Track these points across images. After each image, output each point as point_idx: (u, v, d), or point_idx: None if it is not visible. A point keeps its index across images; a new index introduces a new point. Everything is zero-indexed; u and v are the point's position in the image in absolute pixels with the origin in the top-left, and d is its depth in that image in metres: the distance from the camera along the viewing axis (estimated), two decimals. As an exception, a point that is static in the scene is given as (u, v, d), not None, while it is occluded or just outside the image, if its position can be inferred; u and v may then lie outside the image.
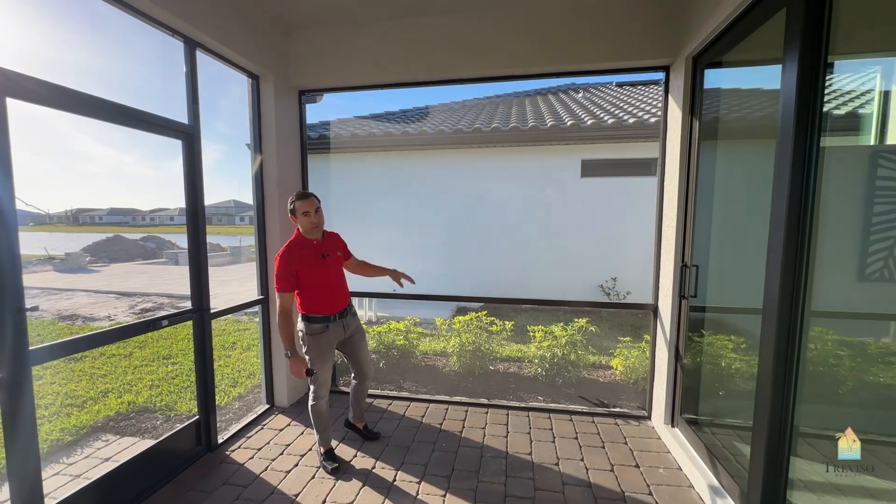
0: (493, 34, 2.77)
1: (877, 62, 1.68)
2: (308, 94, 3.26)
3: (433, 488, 2.22)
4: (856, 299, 1.68)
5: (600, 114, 6.55)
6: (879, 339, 1.66)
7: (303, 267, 2.22)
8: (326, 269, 2.32)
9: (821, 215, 1.59)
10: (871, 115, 1.64)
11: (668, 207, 2.69)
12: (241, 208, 49.63)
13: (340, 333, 2.38)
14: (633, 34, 2.60)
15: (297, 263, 2.21)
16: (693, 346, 2.57)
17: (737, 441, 2.19)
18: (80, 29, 19.37)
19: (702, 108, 2.46)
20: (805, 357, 1.66)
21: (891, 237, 1.46)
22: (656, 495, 2.16)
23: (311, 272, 2.25)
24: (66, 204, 75.16)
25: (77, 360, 4.53)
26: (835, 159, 1.59)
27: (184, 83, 2.38)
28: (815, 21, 1.54)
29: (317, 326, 2.29)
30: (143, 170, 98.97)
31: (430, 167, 7.10)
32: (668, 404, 2.72)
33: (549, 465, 2.41)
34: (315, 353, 2.29)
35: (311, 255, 2.27)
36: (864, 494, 1.60)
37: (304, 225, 2.27)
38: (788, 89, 1.61)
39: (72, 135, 27.24)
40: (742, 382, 2.21)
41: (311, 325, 2.29)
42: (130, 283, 10.62)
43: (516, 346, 4.44)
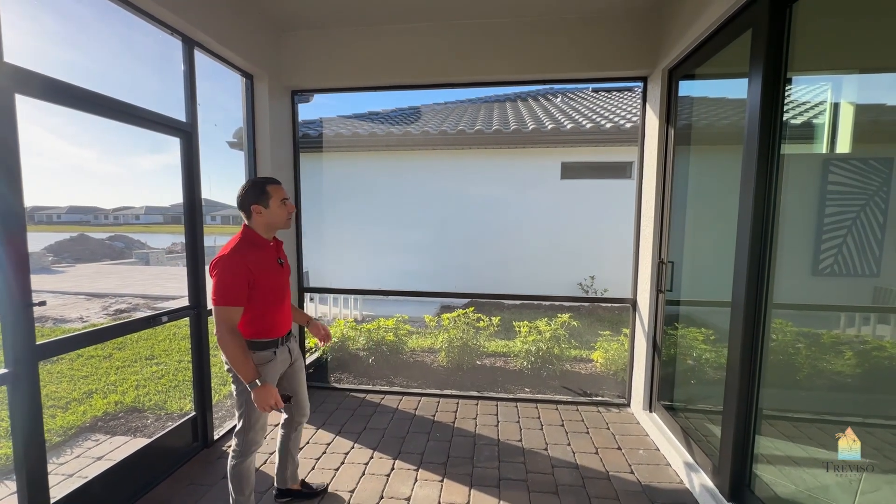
0: (480, 42, 2.91)
1: (828, 78, 1.89)
2: (301, 94, 3.31)
3: (431, 474, 2.32)
4: (810, 292, 1.90)
5: (579, 118, 6.80)
6: (831, 330, 1.88)
7: (259, 274, 1.67)
8: (283, 278, 1.83)
9: (781, 216, 1.79)
10: (824, 126, 1.85)
11: (646, 208, 2.89)
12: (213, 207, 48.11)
13: (286, 361, 1.89)
14: (616, 47, 2.79)
15: (253, 269, 1.65)
16: (668, 337, 2.77)
17: (708, 423, 2.40)
18: (84, 25, 18.34)
19: (677, 117, 2.66)
20: (768, 346, 1.86)
21: (840, 236, 1.67)
22: (637, 473, 2.34)
23: (267, 282, 1.71)
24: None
25: (53, 363, 4.39)
26: (793, 165, 1.79)
27: (179, 81, 2.40)
28: (777, 41, 1.74)
29: (264, 354, 1.75)
30: (105, 167, 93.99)
31: (416, 167, 7.19)
32: (647, 391, 2.92)
33: (539, 450, 2.56)
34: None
35: (268, 258, 1.75)
36: (816, 465, 1.81)
37: (277, 217, 1.75)
38: (753, 100, 1.81)
39: (23, 127, 25.56)
40: (712, 371, 2.42)
41: (258, 354, 1.73)
42: (100, 284, 10.22)
43: (502, 341, 4.59)
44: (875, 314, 1.69)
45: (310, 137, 6.78)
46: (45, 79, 1.66)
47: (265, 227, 1.76)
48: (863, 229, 1.60)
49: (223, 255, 1.63)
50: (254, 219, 1.74)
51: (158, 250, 18.32)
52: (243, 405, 1.74)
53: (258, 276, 1.67)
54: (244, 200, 1.72)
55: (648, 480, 2.28)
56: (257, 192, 1.72)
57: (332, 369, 4.02)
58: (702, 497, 2.09)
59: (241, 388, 1.72)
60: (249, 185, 1.73)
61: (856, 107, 1.75)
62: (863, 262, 1.63)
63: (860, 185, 1.62)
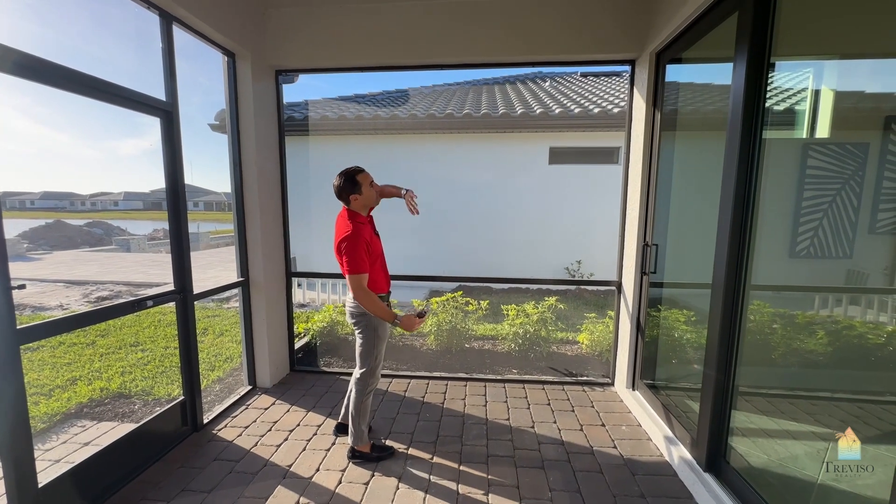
0: (467, 22, 2.86)
1: (810, 64, 1.92)
2: (285, 74, 3.22)
3: (421, 453, 2.38)
4: (786, 274, 1.97)
5: (567, 103, 6.78)
6: (805, 311, 1.95)
7: (370, 245, 2.12)
8: (381, 246, 2.30)
9: (761, 200, 1.84)
10: (804, 112, 1.88)
11: (632, 191, 2.93)
12: (195, 193, 46.96)
13: None
14: (604, 29, 2.78)
15: (369, 241, 2.11)
16: (651, 319, 2.85)
17: (687, 400, 2.50)
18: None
19: (664, 101, 2.68)
20: (745, 327, 1.93)
21: (816, 219, 1.72)
22: (620, 448, 2.43)
23: (374, 249, 2.18)
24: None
25: (33, 350, 4.30)
26: (774, 150, 1.83)
27: (158, 59, 2.32)
28: (762, 24, 1.75)
29: None
30: (80, 150, 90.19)
31: (404, 151, 7.11)
32: (630, 371, 3.01)
33: (526, 428, 2.63)
34: (383, 332, 2.23)
35: (370, 232, 2.21)
36: (786, 436, 1.91)
37: (369, 198, 2.17)
38: (738, 85, 1.83)
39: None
40: (692, 351, 2.51)
41: None
42: (80, 271, 9.96)
43: (490, 325, 4.66)
44: (847, 295, 1.76)
45: (295, 120, 6.63)
46: (18, 53, 1.58)
47: (362, 207, 2.19)
48: (838, 212, 1.65)
49: (346, 235, 2.03)
50: (353, 204, 2.15)
51: (140, 237, 17.88)
52: (371, 350, 2.22)
53: (370, 246, 2.10)
54: (342, 192, 2.14)
55: (630, 454, 2.37)
56: (351, 183, 2.13)
57: (322, 354, 4.03)
58: (680, 468, 2.19)
59: (369, 336, 2.21)
60: (343, 180, 2.13)
61: (836, 93, 1.79)
62: (837, 245, 1.68)
63: (837, 170, 1.67)
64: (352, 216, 2.13)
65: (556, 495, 2.05)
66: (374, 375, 2.26)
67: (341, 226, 2.13)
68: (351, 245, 2.02)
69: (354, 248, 2.02)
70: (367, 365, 2.23)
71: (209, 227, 21.60)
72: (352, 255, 2.02)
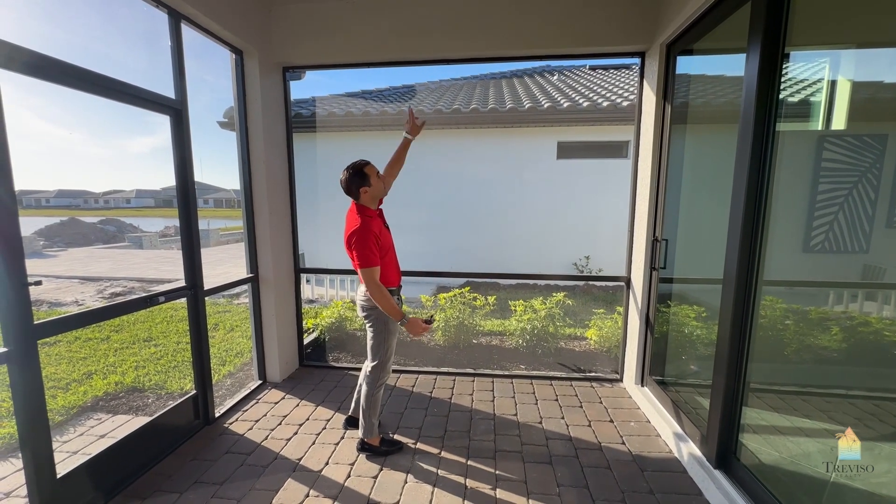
0: (475, 16, 2.83)
1: (826, 54, 1.86)
2: (292, 71, 3.23)
3: (429, 447, 2.39)
4: (800, 269, 1.94)
5: (575, 97, 6.70)
6: (819, 307, 1.92)
7: (381, 238, 2.12)
8: (391, 238, 2.29)
9: (774, 193, 1.80)
10: (820, 103, 1.83)
11: (641, 186, 2.89)
12: (205, 190, 47.44)
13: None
14: (614, 20, 2.73)
15: (378, 235, 2.10)
16: (660, 314, 2.82)
17: (697, 396, 2.47)
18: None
19: (674, 93, 2.64)
20: (757, 323, 1.90)
21: (832, 213, 1.68)
22: (628, 444, 2.42)
23: (385, 242, 2.17)
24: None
25: (51, 345, 4.40)
26: (787, 143, 1.80)
27: (167, 57, 2.33)
28: (776, 14, 1.71)
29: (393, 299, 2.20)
30: (92, 149, 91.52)
31: (411, 147, 7.09)
32: (639, 367, 2.99)
33: (534, 424, 2.64)
34: (393, 326, 2.23)
35: (381, 223, 2.20)
36: (798, 434, 1.88)
37: (378, 190, 2.16)
38: (751, 77, 1.79)
39: (7, 109, 24.33)
40: (702, 347, 2.48)
41: None
42: (94, 268, 10.16)
43: (498, 320, 4.65)
44: (863, 290, 1.73)
45: (302, 117, 6.65)
46: (31, 53, 1.61)
47: (372, 200, 2.17)
48: (854, 206, 1.62)
49: (355, 229, 2.03)
50: (362, 197, 2.14)
51: (152, 234, 18.17)
52: (382, 344, 2.22)
53: (379, 239, 2.09)
54: (351, 186, 2.13)
55: (639, 450, 2.36)
56: (360, 176, 2.11)
57: (331, 349, 4.07)
58: (690, 465, 2.18)
59: (380, 329, 2.21)
60: (351, 174, 2.12)
61: (853, 83, 1.74)
62: (853, 239, 1.64)
63: (854, 162, 1.63)
64: (361, 210, 2.13)
65: (564, 491, 2.05)
66: (384, 369, 2.27)
67: (351, 220, 2.13)
68: (360, 239, 2.03)
69: (364, 241, 2.03)
70: (378, 358, 2.25)
71: (219, 224, 21.87)
72: (361, 250, 2.03)
